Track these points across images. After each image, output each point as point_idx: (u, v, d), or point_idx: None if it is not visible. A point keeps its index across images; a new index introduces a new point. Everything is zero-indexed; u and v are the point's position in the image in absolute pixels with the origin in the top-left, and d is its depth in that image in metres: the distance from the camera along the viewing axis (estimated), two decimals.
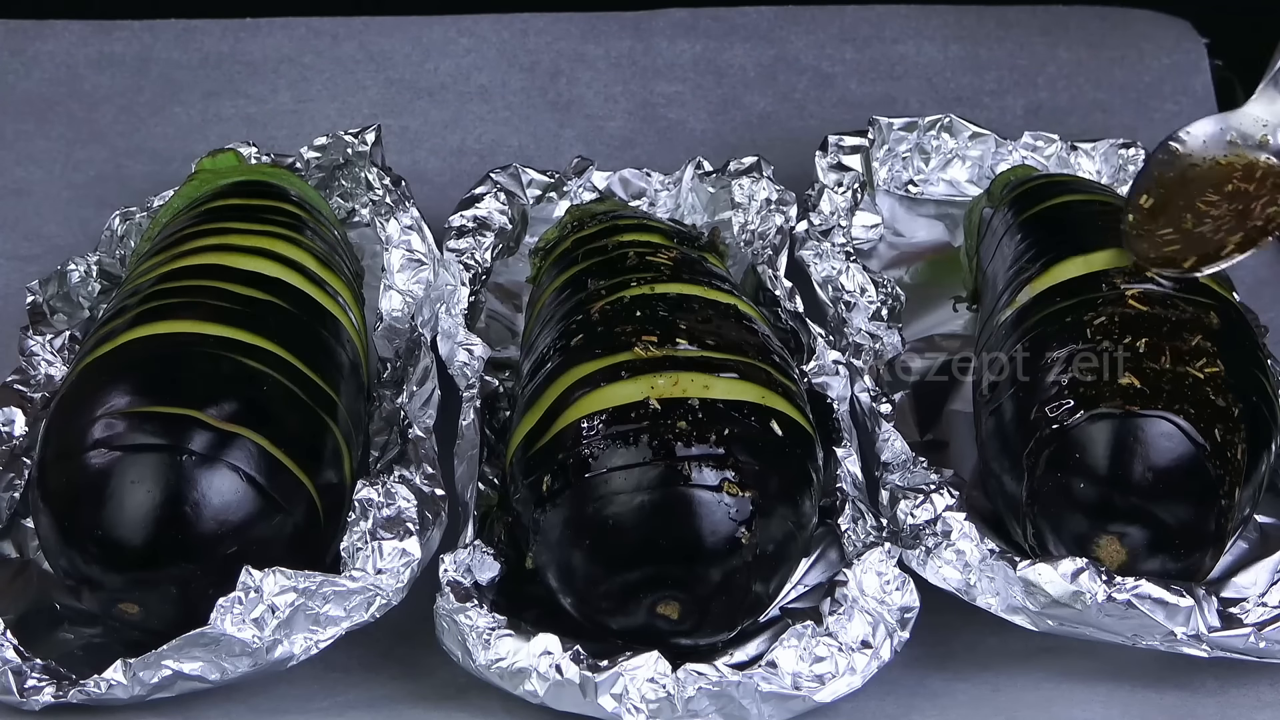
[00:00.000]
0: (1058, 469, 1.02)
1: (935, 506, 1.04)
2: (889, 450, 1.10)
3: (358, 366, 1.12)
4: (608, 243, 1.17)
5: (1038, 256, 1.14)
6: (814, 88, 1.56)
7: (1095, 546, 1.01)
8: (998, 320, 1.13)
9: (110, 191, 1.43)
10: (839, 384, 1.13)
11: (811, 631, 0.97)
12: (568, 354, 1.06)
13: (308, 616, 0.97)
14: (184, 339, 1.04)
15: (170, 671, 0.96)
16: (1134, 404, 1.01)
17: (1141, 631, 0.99)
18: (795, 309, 1.20)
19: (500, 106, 1.51)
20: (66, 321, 1.21)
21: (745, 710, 0.96)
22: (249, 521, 0.98)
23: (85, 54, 1.55)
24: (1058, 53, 1.57)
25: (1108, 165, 1.40)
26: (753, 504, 0.98)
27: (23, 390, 1.14)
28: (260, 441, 0.99)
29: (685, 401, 1.00)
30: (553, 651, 0.96)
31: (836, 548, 1.06)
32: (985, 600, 1.01)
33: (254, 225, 1.15)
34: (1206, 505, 1.01)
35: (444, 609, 0.99)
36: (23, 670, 0.97)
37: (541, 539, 1.01)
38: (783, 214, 1.29)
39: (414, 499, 1.03)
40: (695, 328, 1.06)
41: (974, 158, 1.42)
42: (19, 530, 1.08)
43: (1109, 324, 1.05)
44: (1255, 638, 0.99)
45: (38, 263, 1.31)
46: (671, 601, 0.98)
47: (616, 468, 0.98)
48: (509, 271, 1.32)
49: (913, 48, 1.58)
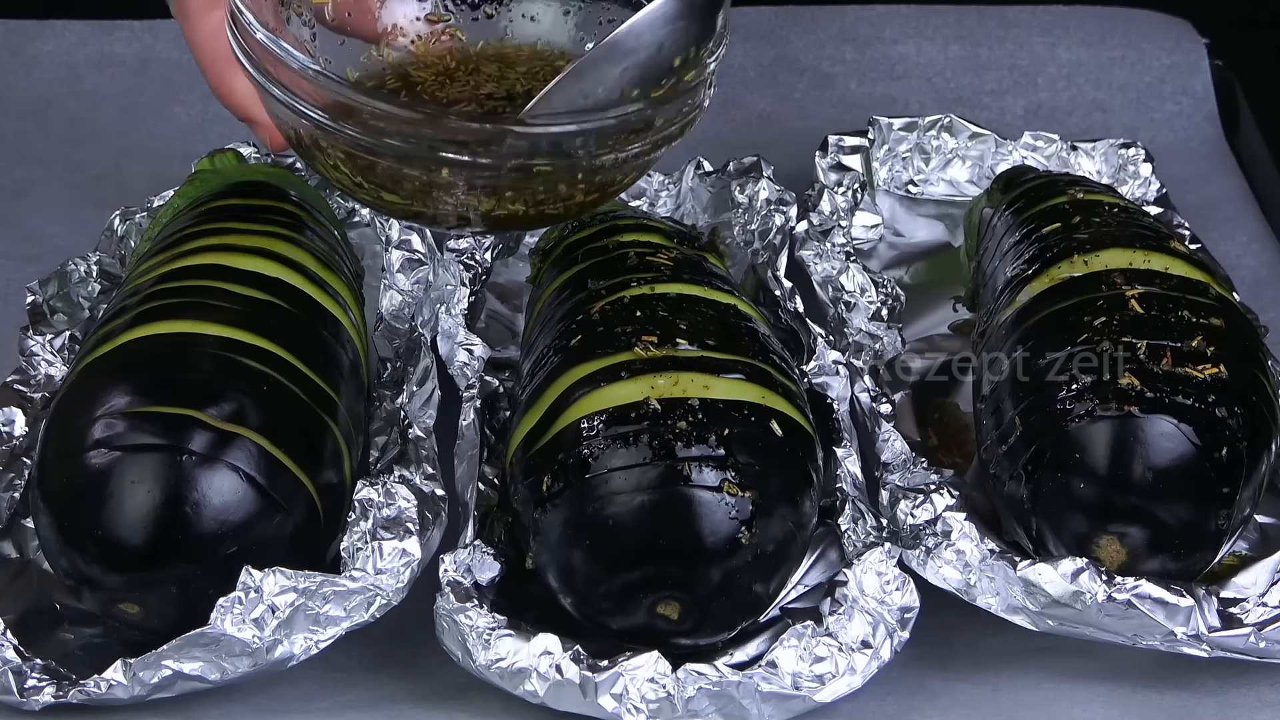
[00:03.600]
0: (1058, 469, 1.02)
1: (935, 506, 1.04)
2: (889, 450, 1.10)
3: (358, 366, 1.12)
4: (608, 243, 1.17)
5: (1038, 256, 1.14)
6: (814, 88, 1.56)
7: (1095, 546, 1.01)
8: (998, 320, 1.13)
9: (110, 191, 1.43)
10: (839, 384, 1.13)
11: (811, 631, 0.97)
12: (568, 354, 1.06)
13: (308, 616, 0.97)
14: (184, 339, 1.03)
15: (170, 671, 0.96)
16: (1134, 405, 1.01)
17: (1141, 631, 0.99)
18: (795, 309, 1.20)
19: None
20: (66, 321, 1.21)
21: (745, 710, 0.96)
22: (249, 521, 0.98)
23: (85, 54, 1.55)
24: (1058, 53, 1.57)
25: (1108, 165, 1.40)
26: (753, 504, 0.98)
27: (23, 390, 1.14)
28: (260, 441, 0.99)
29: (685, 402, 1.00)
30: (553, 651, 0.96)
31: (836, 548, 1.06)
32: (985, 600, 1.02)
33: (254, 225, 1.15)
34: (1206, 505, 1.01)
35: (444, 609, 0.99)
36: (23, 670, 0.97)
37: (541, 539, 1.01)
38: (783, 214, 1.29)
39: (414, 499, 1.03)
40: (695, 328, 1.06)
41: (974, 158, 1.42)
42: (19, 530, 1.08)
43: (1109, 325, 1.05)
44: (1255, 638, 0.99)
45: (38, 263, 1.31)
46: (671, 601, 0.98)
47: (617, 468, 0.98)
48: (509, 271, 1.32)
49: (913, 48, 1.58)
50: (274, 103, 1.01)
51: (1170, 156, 1.46)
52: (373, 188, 1.01)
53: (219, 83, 1.07)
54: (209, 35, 1.06)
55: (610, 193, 1.05)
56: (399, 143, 0.97)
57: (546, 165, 0.99)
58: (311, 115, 0.99)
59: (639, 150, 1.01)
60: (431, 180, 0.99)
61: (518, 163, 0.98)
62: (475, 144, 0.97)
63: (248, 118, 1.07)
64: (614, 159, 1.00)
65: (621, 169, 1.02)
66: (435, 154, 0.97)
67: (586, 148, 0.99)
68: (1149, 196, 1.38)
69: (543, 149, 0.98)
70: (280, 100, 1.00)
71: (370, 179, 1.01)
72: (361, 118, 0.98)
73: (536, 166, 0.98)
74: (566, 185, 1.01)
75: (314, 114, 0.99)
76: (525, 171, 0.98)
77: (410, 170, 0.99)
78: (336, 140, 0.99)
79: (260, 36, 0.99)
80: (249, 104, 1.05)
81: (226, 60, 1.03)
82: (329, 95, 0.98)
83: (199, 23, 1.06)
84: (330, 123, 0.98)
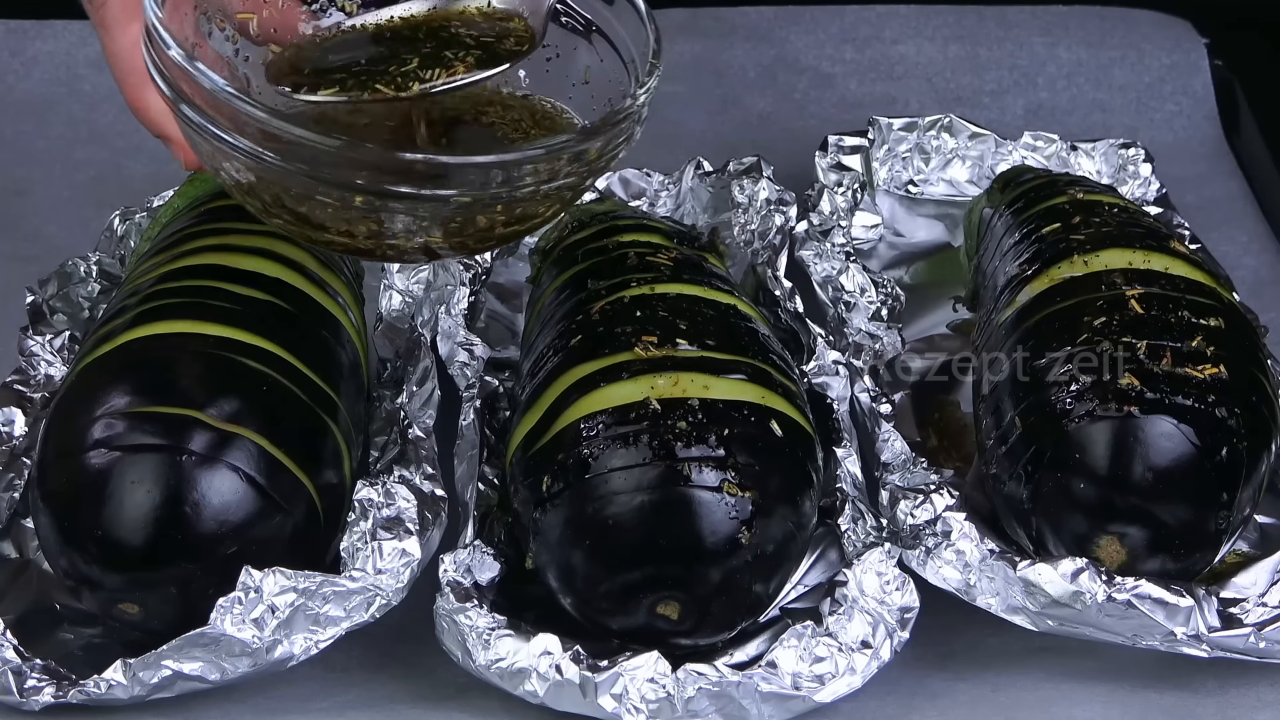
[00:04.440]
0: (1058, 469, 1.02)
1: (935, 506, 1.04)
2: (889, 450, 1.10)
3: (358, 366, 1.12)
4: (608, 243, 1.17)
5: (1038, 256, 1.14)
6: (814, 88, 1.56)
7: (1095, 547, 1.01)
8: (998, 320, 1.13)
9: (110, 191, 1.43)
10: (839, 384, 1.13)
11: (811, 631, 0.97)
12: (568, 354, 1.06)
13: (308, 616, 0.97)
14: (184, 339, 1.03)
15: (170, 671, 0.96)
16: (1134, 405, 1.01)
17: (1141, 631, 0.99)
18: (795, 309, 1.20)
19: None
20: (66, 321, 1.21)
21: (745, 710, 0.96)
22: (249, 521, 0.98)
23: (85, 54, 1.55)
24: (1058, 53, 1.57)
25: (1108, 165, 1.40)
26: (753, 504, 0.98)
27: (23, 390, 1.14)
28: (260, 441, 0.99)
29: (685, 402, 1.00)
30: (553, 651, 0.96)
31: (836, 548, 1.06)
32: (985, 600, 1.01)
33: (254, 225, 1.14)
34: (1206, 506, 1.01)
35: (444, 609, 0.99)
36: (23, 670, 0.97)
37: (541, 539, 1.01)
38: (783, 214, 1.29)
39: (414, 499, 1.03)
40: (695, 328, 1.06)
41: (974, 158, 1.42)
42: (19, 530, 1.08)
43: (1109, 325, 1.05)
44: (1255, 638, 0.99)
45: (38, 263, 1.31)
46: (671, 601, 0.98)
47: (617, 468, 0.98)
48: (509, 271, 1.32)
49: (913, 48, 1.58)
50: (185, 122, 0.98)
51: (1170, 156, 1.46)
52: (282, 210, 0.99)
53: (134, 97, 1.04)
54: (126, 48, 1.03)
55: (532, 225, 1.02)
56: (308, 169, 0.95)
57: (465, 196, 0.96)
58: (223, 137, 0.96)
59: (562, 184, 0.98)
60: (346, 208, 0.97)
61: (432, 193, 0.95)
62: (390, 173, 0.94)
63: (161, 134, 1.05)
64: (535, 190, 0.97)
65: (544, 201, 1.00)
66: (349, 183, 0.95)
67: (508, 180, 0.96)
68: (1149, 196, 1.38)
69: (458, 180, 0.95)
70: (191, 121, 0.97)
71: (281, 202, 0.98)
72: (272, 142, 0.95)
73: (453, 197, 0.96)
74: (485, 217, 0.99)
75: (227, 136, 0.96)
76: (441, 202, 0.96)
77: (322, 197, 0.96)
78: (246, 163, 0.96)
79: (174, 54, 0.96)
80: (163, 120, 1.03)
81: (141, 75, 1.01)
82: (242, 118, 0.95)
83: (118, 34, 1.04)
84: (242, 145, 0.95)
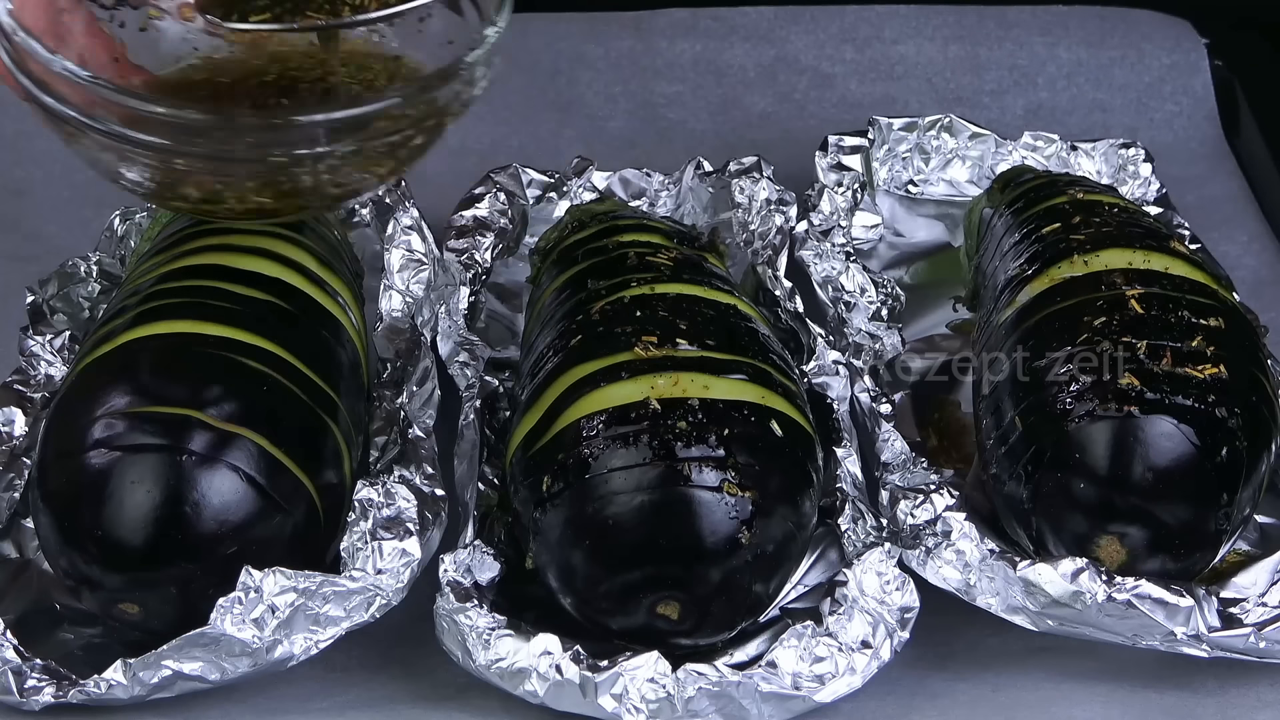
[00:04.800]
0: (1058, 469, 1.02)
1: (935, 506, 1.04)
2: (889, 450, 1.10)
3: (358, 366, 1.12)
4: (608, 243, 1.17)
5: (1038, 256, 1.14)
6: (814, 88, 1.56)
7: (1095, 547, 1.02)
8: (998, 320, 1.13)
9: (110, 191, 1.41)
10: (839, 384, 1.13)
11: (811, 631, 0.97)
12: (568, 354, 1.06)
13: (308, 616, 0.97)
14: (184, 339, 1.03)
15: (170, 671, 0.96)
16: (1134, 405, 1.01)
17: (1141, 631, 0.99)
18: (795, 309, 1.20)
19: (500, 106, 1.51)
20: (66, 321, 1.21)
21: (745, 710, 0.96)
22: (249, 521, 0.98)
23: None
24: (1058, 53, 1.57)
25: (1108, 165, 1.40)
26: (753, 504, 0.98)
27: (23, 390, 1.14)
28: (260, 441, 0.99)
29: (685, 402, 1.00)
30: (553, 651, 0.96)
31: (836, 548, 1.06)
32: (985, 600, 1.02)
33: (254, 225, 1.15)
34: (1206, 506, 1.01)
35: (444, 609, 0.99)
36: (23, 670, 0.97)
37: (541, 539, 1.01)
38: (783, 214, 1.29)
39: (414, 499, 1.03)
40: (695, 328, 1.06)
41: (974, 158, 1.42)
42: (19, 530, 1.08)
43: (1109, 325, 1.05)
44: (1255, 638, 0.99)
45: (38, 263, 1.31)
46: (671, 601, 0.98)
47: (617, 468, 0.98)
48: (509, 271, 1.32)
49: (913, 48, 1.58)
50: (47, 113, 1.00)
51: (1170, 156, 1.46)
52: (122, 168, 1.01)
53: None
54: None
55: (363, 186, 1.04)
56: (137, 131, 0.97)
57: (281, 156, 0.98)
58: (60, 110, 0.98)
59: (390, 144, 1.00)
60: (174, 168, 0.99)
61: (248, 151, 0.97)
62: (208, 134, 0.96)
63: None
64: (360, 149, 0.99)
65: (371, 162, 1.01)
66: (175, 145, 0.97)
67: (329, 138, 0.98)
68: (1149, 196, 1.38)
69: (277, 140, 0.97)
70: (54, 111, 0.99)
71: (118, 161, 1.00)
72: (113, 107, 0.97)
73: (270, 156, 0.98)
74: (310, 177, 1.00)
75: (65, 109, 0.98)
76: (260, 161, 0.98)
77: (153, 160, 0.98)
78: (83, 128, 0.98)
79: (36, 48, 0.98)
80: None
81: None
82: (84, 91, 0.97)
83: None
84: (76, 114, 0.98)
